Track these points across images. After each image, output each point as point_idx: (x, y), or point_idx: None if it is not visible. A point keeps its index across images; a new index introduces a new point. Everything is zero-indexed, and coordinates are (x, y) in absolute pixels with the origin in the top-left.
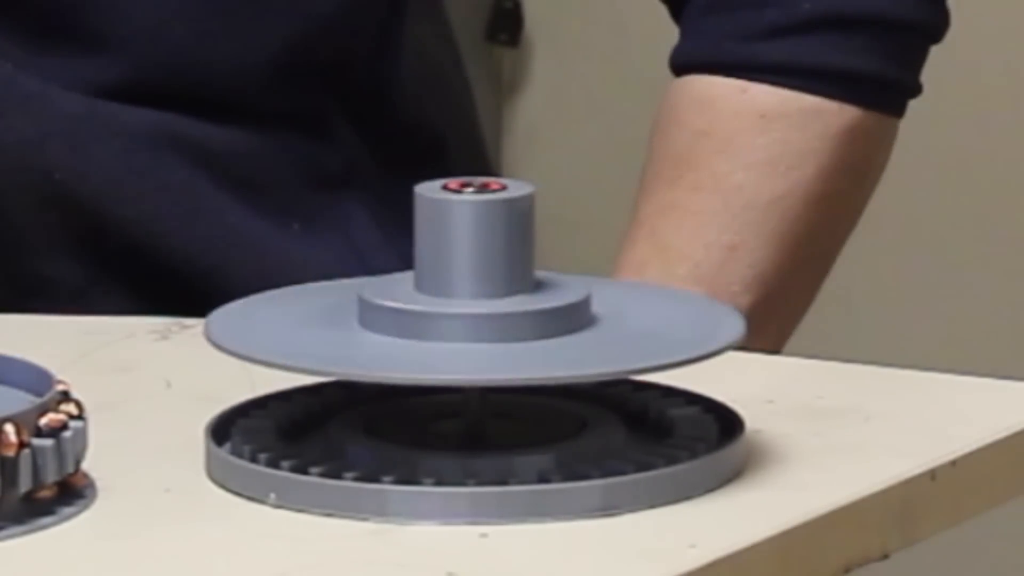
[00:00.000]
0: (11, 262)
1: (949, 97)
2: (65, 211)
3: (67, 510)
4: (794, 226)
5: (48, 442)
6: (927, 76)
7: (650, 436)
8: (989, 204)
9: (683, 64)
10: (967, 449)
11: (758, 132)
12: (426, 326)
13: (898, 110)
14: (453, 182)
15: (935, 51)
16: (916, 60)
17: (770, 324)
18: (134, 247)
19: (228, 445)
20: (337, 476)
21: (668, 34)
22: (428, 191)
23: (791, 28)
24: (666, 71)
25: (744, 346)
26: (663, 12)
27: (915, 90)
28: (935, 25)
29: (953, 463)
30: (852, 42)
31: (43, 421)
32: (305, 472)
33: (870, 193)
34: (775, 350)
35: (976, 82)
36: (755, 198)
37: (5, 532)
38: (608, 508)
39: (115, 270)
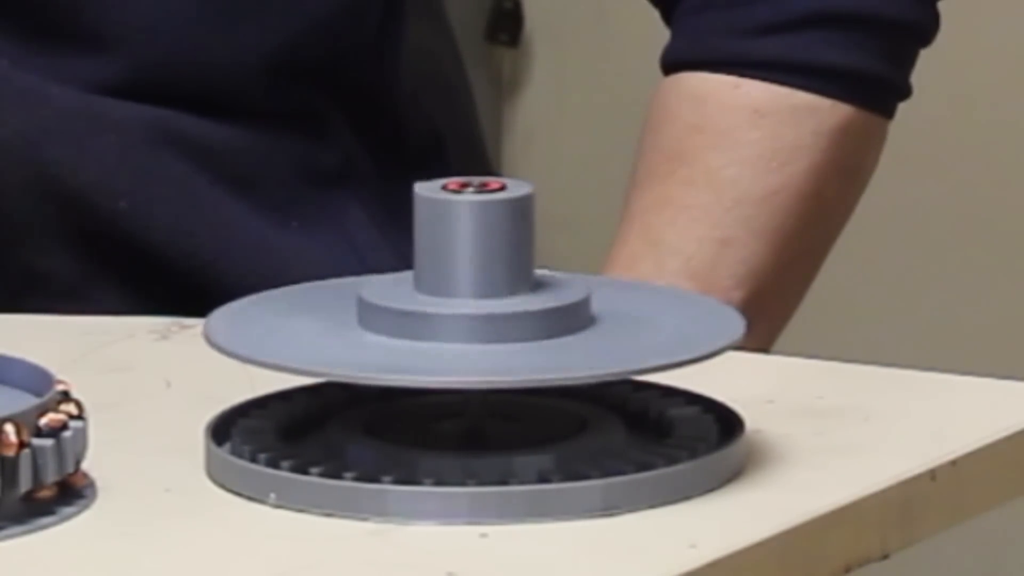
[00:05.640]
0: (5, 257)
1: (952, 97)
2: (60, 206)
3: (67, 510)
4: (786, 222)
5: (48, 442)
6: (927, 77)
7: (650, 436)
8: (988, 205)
9: (675, 62)
10: (967, 449)
11: (751, 127)
12: (426, 326)
13: (889, 110)
14: (453, 182)
15: (925, 54)
16: (907, 61)
17: (761, 320)
18: (129, 243)
19: (228, 445)
20: (337, 476)
21: (668, 35)
22: (428, 191)
23: (785, 25)
24: None
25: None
26: None
27: (906, 91)
28: (926, 27)
29: (953, 463)
30: (846, 40)
31: (43, 421)
32: (305, 472)
33: (860, 193)
34: (765, 347)
35: (974, 82)
36: (748, 193)
37: (5, 532)
38: (608, 508)
39: (110, 266)
